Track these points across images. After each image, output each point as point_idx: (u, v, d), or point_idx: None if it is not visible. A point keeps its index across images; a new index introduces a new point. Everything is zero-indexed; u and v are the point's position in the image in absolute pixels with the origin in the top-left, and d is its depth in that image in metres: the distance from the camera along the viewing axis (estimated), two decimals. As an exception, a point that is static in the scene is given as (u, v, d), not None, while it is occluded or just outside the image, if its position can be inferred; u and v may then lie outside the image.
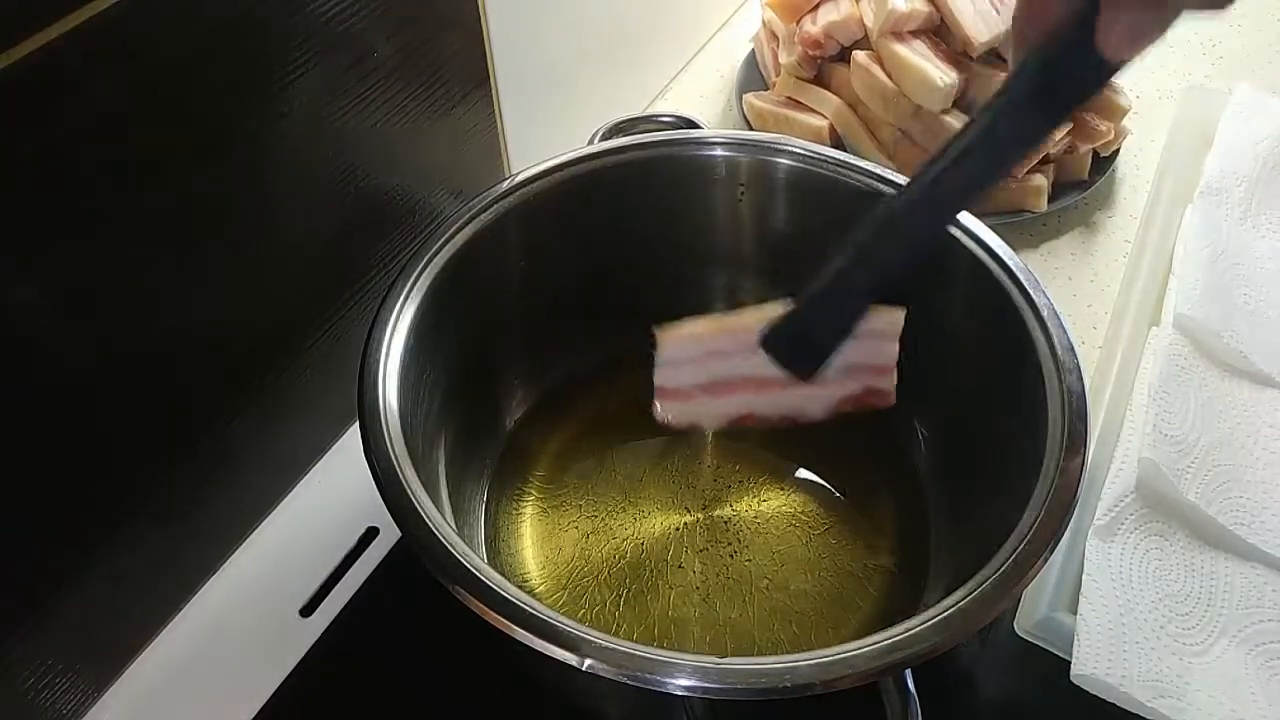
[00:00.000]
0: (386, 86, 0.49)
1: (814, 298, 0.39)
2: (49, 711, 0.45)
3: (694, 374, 0.41)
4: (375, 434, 0.39)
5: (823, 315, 0.40)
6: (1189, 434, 0.51)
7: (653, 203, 0.53)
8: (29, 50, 0.33)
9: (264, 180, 0.45)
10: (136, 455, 0.44)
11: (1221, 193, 0.62)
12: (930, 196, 0.36)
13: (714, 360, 0.41)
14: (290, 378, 0.51)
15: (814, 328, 0.40)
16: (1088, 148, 0.69)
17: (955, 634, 0.34)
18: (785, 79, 0.72)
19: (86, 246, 0.38)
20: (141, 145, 0.38)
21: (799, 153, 0.51)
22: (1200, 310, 0.55)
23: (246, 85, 0.42)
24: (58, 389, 0.39)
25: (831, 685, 0.32)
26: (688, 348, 0.41)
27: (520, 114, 0.61)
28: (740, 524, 0.51)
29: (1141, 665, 0.43)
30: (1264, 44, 0.86)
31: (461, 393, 0.49)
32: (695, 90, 0.82)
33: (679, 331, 0.41)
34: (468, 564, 0.35)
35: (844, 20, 0.67)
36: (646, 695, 0.35)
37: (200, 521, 0.50)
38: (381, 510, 0.37)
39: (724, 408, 0.42)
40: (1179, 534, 0.49)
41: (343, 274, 0.53)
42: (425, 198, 0.56)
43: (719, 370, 0.41)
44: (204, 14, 0.38)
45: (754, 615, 0.48)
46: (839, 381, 0.41)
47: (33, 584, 0.42)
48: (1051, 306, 0.44)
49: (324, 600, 0.51)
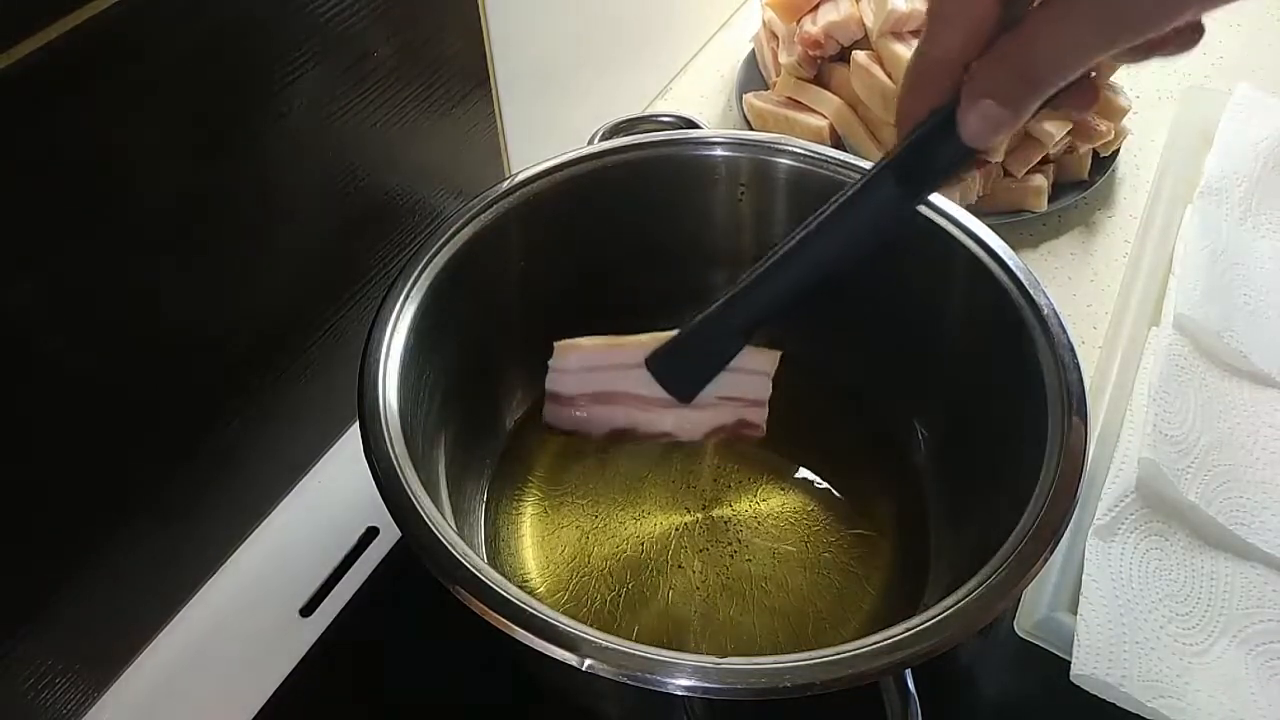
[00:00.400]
0: (386, 86, 0.49)
1: (695, 329, 0.43)
2: (49, 711, 0.45)
3: (582, 383, 0.45)
4: (375, 434, 0.39)
5: (702, 345, 0.44)
6: (1189, 434, 0.51)
7: (653, 203, 0.53)
8: (29, 50, 0.33)
9: (264, 180, 0.45)
10: (136, 455, 0.44)
11: (1221, 193, 0.62)
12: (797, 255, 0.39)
13: (601, 373, 0.45)
14: (290, 378, 0.51)
15: (693, 355, 0.44)
16: (1088, 148, 0.69)
17: (955, 634, 0.34)
18: (785, 79, 0.72)
19: (86, 246, 0.38)
20: (142, 145, 0.38)
21: (799, 153, 0.51)
22: (1200, 310, 0.55)
23: (246, 85, 0.42)
24: (57, 389, 0.39)
25: (831, 685, 0.32)
26: (579, 359, 0.45)
27: (520, 114, 0.61)
28: (740, 524, 0.51)
29: (1141, 665, 0.43)
30: (1264, 44, 0.86)
31: (461, 393, 0.49)
32: (695, 90, 0.82)
33: (573, 344, 0.45)
34: (468, 564, 0.35)
35: (844, 20, 0.67)
36: (646, 695, 0.35)
37: (200, 521, 0.50)
38: (381, 510, 0.37)
39: (608, 418, 0.45)
40: (1179, 534, 0.49)
41: (343, 274, 0.53)
42: (425, 198, 0.56)
43: (605, 383, 0.45)
44: (204, 14, 0.39)
45: (754, 615, 0.48)
46: (716, 409, 0.45)
47: (33, 584, 0.42)
48: (1051, 306, 0.44)
49: (324, 600, 0.51)
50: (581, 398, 0.45)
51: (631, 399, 0.45)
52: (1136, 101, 0.74)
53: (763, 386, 0.45)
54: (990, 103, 0.31)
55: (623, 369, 0.44)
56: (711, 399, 0.45)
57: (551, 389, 0.45)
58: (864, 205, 0.37)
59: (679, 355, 0.44)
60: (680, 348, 0.44)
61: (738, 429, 0.46)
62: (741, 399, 0.45)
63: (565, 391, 0.45)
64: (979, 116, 0.31)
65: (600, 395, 0.45)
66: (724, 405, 0.45)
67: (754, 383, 0.45)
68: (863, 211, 0.37)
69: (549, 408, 0.46)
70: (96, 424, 0.42)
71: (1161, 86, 0.82)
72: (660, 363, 0.44)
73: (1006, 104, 0.31)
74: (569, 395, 0.45)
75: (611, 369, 0.44)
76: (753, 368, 0.45)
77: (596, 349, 0.45)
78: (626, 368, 0.44)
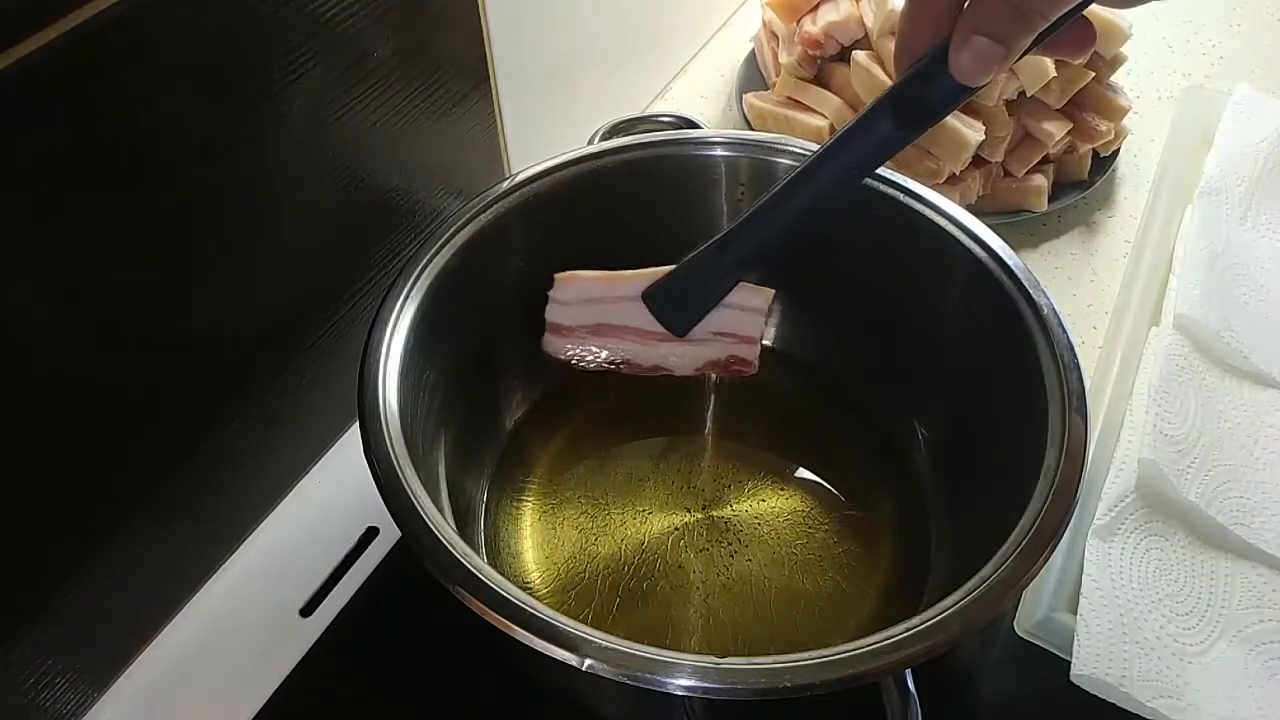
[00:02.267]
0: (386, 86, 0.49)
1: (690, 264, 0.44)
2: (49, 711, 0.45)
3: (580, 315, 0.46)
4: (375, 434, 0.39)
5: (697, 281, 0.45)
6: (1189, 434, 0.51)
7: (653, 203, 0.53)
8: (29, 50, 0.33)
9: (264, 180, 0.45)
10: (136, 455, 0.44)
11: (1221, 193, 0.62)
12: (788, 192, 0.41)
13: (599, 305, 0.46)
14: (290, 378, 0.51)
15: (689, 291, 0.45)
16: (1088, 148, 0.69)
17: (955, 634, 0.34)
18: (785, 79, 0.72)
19: (86, 246, 0.38)
20: (142, 145, 0.38)
21: (799, 153, 0.51)
22: (1200, 310, 0.55)
23: (247, 85, 0.42)
24: (58, 389, 0.39)
25: (831, 685, 0.32)
26: (578, 290, 0.46)
27: (520, 114, 0.61)
28: (740, 524, 0.51)
29: (1141, 665, 0.43)
30: (1264, 44, 0.86)
31: (461, 393, 0.49)
32: (695, 90, 0.82)
33: (573, 275, 0.46)
34: (468, 564, 0.35)
35: (844, 20, 0.67)
36: (646, 695, 0.35)
37: (200, 521, 0.50)
38: (381, 510, 0.37)
39: (603, 348, 0.47)
40: (1179, 534, 0.49)
41: (343, 274, 0.53)
42: (425, 198, 0.56)
43: (602, 315, 0.46)
44: (204, 14, 0.38)
45: (754, 615, 0.48)
46: (708, 343, 0.46)
47: (33, 584, 0.42)
48: (1051, 306, 0.44)
49: (324, 600, 0.51)
50: (580, 329, 0.46)
51: (627, 331, 0.46)
52: (1136, 101, 0.74)
53: (755, 323, 0.46)
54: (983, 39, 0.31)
55: (620, 301, 0.46)
56: (705, 334, 0.46)
57: (551, 319, 0.47)
58: (856, 141, 0.38)
59: (675, 290, 0.45)
60: (676, 283, 0.45)
61: (730, 364, 0.47)
62: (734, 335, 0.46)
63: (564, 322, 0.46)
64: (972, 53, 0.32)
65: (597, 327, 0.46)
66: (718, 341, 0.46)
67: (747, 319, 0.46)
68: (855, 147, 0.39)
69: (547, 338, 0.47)
70: (96, 424, 0.42)
71: (1161, 86, 0.82)
72: (657, 297, 0.45)
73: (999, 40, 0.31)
74: (567, 326, 0.46)
75: (609, 301, 0.46)
76: (747, 305, 0.46)
77: (595, 281, 0.46)
78: (623, 300, 0.46)
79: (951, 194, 0.61)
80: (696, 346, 0.46)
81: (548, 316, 0.47)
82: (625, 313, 0.46)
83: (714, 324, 0.46)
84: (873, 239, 0.51)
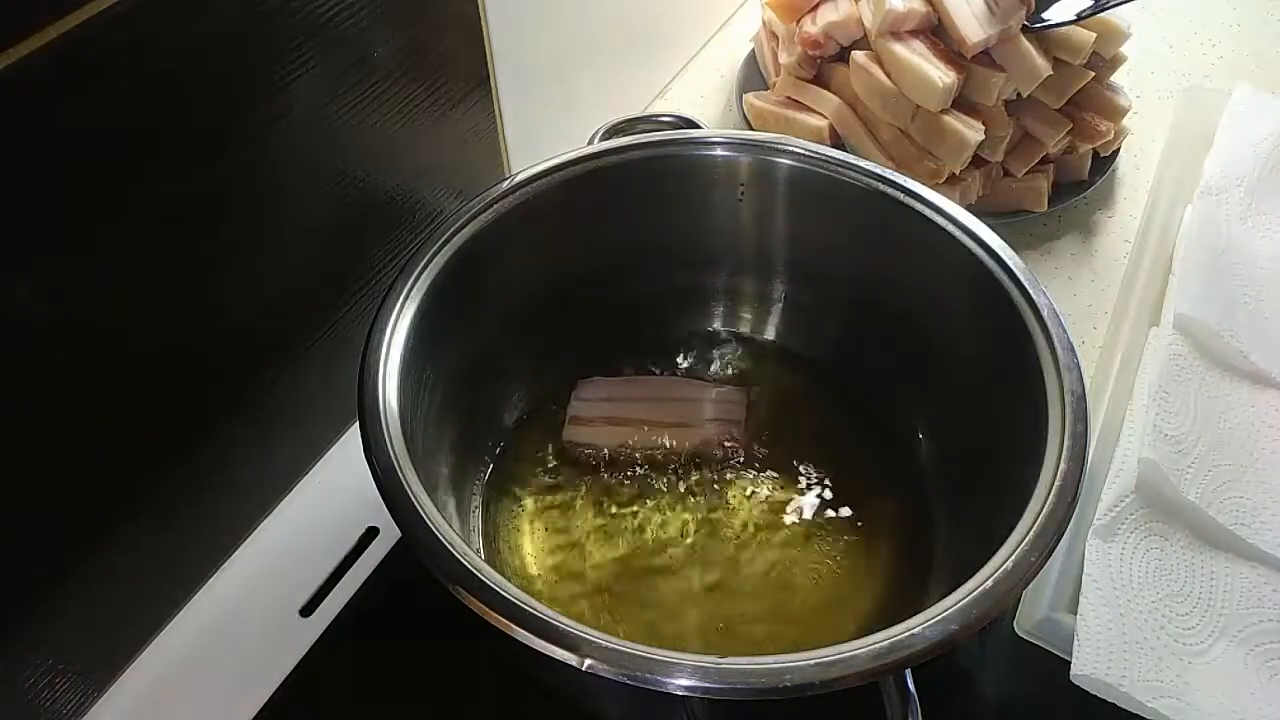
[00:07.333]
0: (386, 86, 0.49)
1: None
2: (49, 711, 0.45)
3: (599, 410, 0.55)
4: (375, 434, 0.39)
5: None
6: (1189, 434, 0.51)
7: (653, 203, 0.53)
8: (29, 50, 0.33)
9: (264, 180, 0.45)
10: (137, 456, 0.44)
11: (1221, 193, 0.62)
12: None
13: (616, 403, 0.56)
14: (291, 378, 0.51)
15: None
16: (1088, 148, 0.69)
17: (955, 634, 0.34)
18: (785, 79, 0.72)
19: (87, 246, 0.38)
20: (142, 145, 0.38)
21: (799, 153, 0.51)
22: (1200, 310, 0.55)
23: (247, 85, 0.42)
24: (58, 389, 0.39)
25: (831, 685, 0.33)
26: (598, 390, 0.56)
27: (520, 114, 0.61)
28: (740, 524, 0.51)
29: (1141, 665, 0.43)
30: (1264, 44, 0.86)
31: (461, 393, 0.49)
32: (695, 90, 0.82)
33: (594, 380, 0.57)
34: (468, 564, 0.35)
35: (843, 20, 0.67)
36: (646, 695, 0.35)
37: (200, 521, 0.50)
38: (381, 510, 0.37)
39: (617, 435, 0.54)
40: (1179, 534, 0.49)
41: (343, 274, 0.53)
42: (425, 198, 0.56)
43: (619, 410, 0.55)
44: (204, 14, 0.38)
45: (754, 615, 0.48)
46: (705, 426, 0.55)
47: (33, 584, 0.42)
48: (1051, 306, 0.44)
49: (324, 600, 0.51)
50: (598, 420, 0.55)
51: (638, 422, 0.55)
52: (1136, 101, 0.73)
53: (739, 412, 0.56)
54: None
55: (633, 401, 0.56)
56: (701, 420, 0.55)
57: (573, 414, 0.55)
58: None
59: None
60: None
61: (722, 440, 0.55)
62: (724, 420, 0.55)
63: (585, 415, 0.55)
64: None
65: (613, 419, 0.55)
66: (710, 425, 0.55)
67: (734, 410, 0.56)
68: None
69: (569, 428, 0.55)
70: (96, 424, 0.42)
71: (1161, 86, 0.82)
72: None
73: None
74: (588, 418, 0.55)
75: (625, 400, 0.56)
76: (732, 399, 0.56)
77: (613, 383, 0.57)
78: (637, 400, 0.56)
79: (951, 194, 0.61)
80: (696, 430, 0.54)
81: (570, 411, 0.55)
82: (637, 409, 0.55)
83: (708, 412, 0.55)
84: (873, 239, 0.51)
